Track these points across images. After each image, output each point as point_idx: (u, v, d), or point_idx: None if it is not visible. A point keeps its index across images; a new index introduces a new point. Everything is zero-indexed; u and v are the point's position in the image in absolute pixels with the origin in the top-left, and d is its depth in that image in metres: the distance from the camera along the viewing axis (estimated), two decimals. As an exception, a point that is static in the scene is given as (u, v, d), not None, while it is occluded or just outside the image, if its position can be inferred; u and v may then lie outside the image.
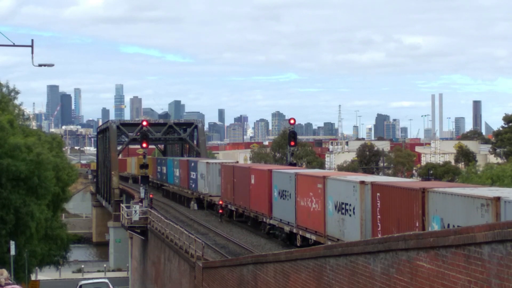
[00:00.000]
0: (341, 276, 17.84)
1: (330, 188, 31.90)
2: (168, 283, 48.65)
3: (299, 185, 36.40)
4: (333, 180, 31.91)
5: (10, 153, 47.73)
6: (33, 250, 52.64)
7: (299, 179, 36.54)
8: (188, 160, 71.80)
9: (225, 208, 54.21)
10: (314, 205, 33.77)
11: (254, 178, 45.77)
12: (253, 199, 46.01)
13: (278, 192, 40.09)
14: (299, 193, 36.32)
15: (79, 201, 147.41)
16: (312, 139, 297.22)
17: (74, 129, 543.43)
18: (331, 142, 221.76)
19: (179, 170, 73.61)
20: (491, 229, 10.83)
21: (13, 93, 61.91)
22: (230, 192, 52.37)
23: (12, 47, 35.22)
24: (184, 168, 71.04)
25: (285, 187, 38.82)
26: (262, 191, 43.45)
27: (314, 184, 33.86)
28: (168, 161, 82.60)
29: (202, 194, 62.41)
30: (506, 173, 72.80)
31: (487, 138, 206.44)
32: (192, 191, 66.51)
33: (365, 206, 27.89)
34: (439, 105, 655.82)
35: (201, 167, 62.72)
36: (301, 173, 37.02)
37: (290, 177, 37.82)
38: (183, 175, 71.17)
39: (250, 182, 46.35)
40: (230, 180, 52.46)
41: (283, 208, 39.25)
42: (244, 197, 48.08)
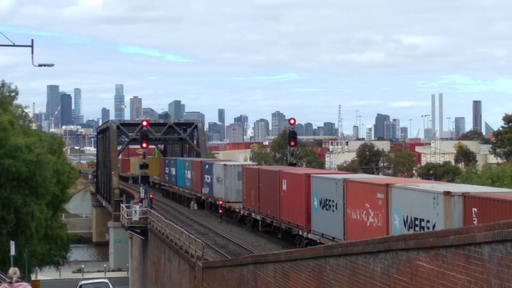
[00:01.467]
0: (341, 276, 17.84)
1: (397, 199, 25.82)
2: (168, 283, 48.65)
3: (349, 193, 30.45)
4: (402, 190, 25.60)
5: (11, 153, 47.76)
6: (33, 250, 52.67)
7: (349, 187, 30.52)
8: (202, 161, 66.07)
9: (248, 217, 48.67)
10: (372, 219, 27.85)
11: (286, 183, 39.67)
12: (284, 208, 39.87)
13: (319, 201, 34.02)
14: (349, 203, 30.35)
15: (79, 201, 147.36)
16: (312, 139, 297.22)
17: (74, 129, 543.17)
18: (331, 142, 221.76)
19: (191, 172, 68.20)
20: (491, 229, 10.84)
21: (14, 93, 61.92)
22: (255, 199, 46.36)
23: (12, 47, 35.20)
24: (197, 170, 65.62)
25: (329, 196, 32.75)
26: (297, 199, 37.48)
27: (371, 194, 27.83)
28: (178, 162, 76.77)
29: (219, 199, 56.68)
30: (506, 173, 72.77)
31: (487, 138, 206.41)
32: (207, 196, 61.57)
33: (451, 224, 21.98)
34: (439, 105, 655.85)
35: (218, 169, 57.38)
36: (351, 180, 30.97)
37: (336, 183, 31.80)
38: (196, 178, 65.71)
39: (281, 188, 40.25)
40: (254, 185, 46.65)
41: (326, 221, 33.18)
42: (273, 205, 41.99)
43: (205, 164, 63.02)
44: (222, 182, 55.67)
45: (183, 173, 72.58)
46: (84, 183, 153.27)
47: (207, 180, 60.93)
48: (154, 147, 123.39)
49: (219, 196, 56.53)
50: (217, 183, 57.51)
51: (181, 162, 75.09)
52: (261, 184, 44.95)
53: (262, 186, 44.65)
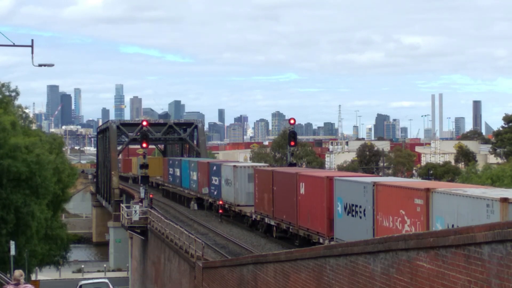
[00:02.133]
0: (341, 276, 17.84)
1: (440, 206, 22.85)
2: (168, 283, 48.65)
3: (380, 199, 27.56)
4: (446, 196, 22.48)
5: (11, 153, 47.79)
6: (33, 250, 52.70)
7: (380, 191, 27.63)
8: (209, 162, 62.93)
9: (260, 222, 45.53)
10: (408, 228, 25.11)
11: (304, 186, 36.71)
12: (302, 214, 36.94)
13: (344, 206, 30.99)
14: (380, 209, 27.55)
15: (79, 201, 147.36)
16: (312, 139, 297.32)
17: (74, 129, 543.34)
18: (331, 142, 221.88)
19: (197, 173, 65.02)
20: (491, 229, 10.84)
21: (14, 93, 61.95)
22: (268, 202, 43.12)
23: (12, 47, 35.20)
24: (203, 171, 62.55)
25: (355, 201, 29.85)
26: (317, 204, 34.74)
27: (408, 199, 25.02)
28: (183, 163, 73.72)
29: (229, 203, 53.60)
30: (506, 173, 72.80)
31: (487, 138, 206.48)
32: (214, 199, 58.52)
33: None
34: (439, 105, 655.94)
35: (227, 171, 54.30)
36: (383, 183, 27.99)
37: (364, 187, 28.94)
38: (202, 180, 62.75)
39: (299, 191, 37.26)
40: (267, 188, 43.42)
41: (352, 228, 30.27)
42: (289, 210, 38.92)
43: (213, 165, 60.01)
44: (231, 184, 52.43)
45: (188, 174, 69.81)
46: (84, 183, 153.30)
47: (215, 182, 57.95)
48: (154, 147, 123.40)
49: (228, 200, 53.56)
50: (225, 186, 54.39)
51: (186, 163, 72.14)
52: (276, 187, 41.71)
53: (277, 189, 41.49)
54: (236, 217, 52.43)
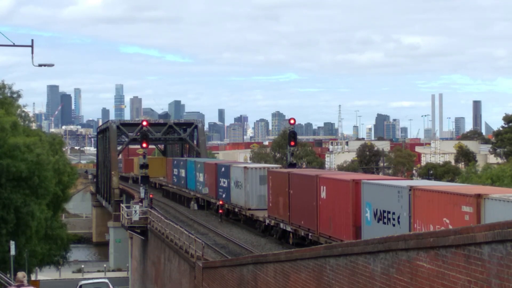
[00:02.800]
0: (341, 276, 17.84)
1: (494, 214, 19.82)
2: (168, 283, 48.66)
3: (418, 205, 24.76)
4: (503, 203, 19.88)
5: (10, 153, 47.79)
6: (33, 250, 52.71)
7: (418, 197, 24.80)
8: (216, 163, 60.00)
9: (275, 227, 42.54)
10: None
11: (325, 190, 33.88)
12: (323, 220, 34.16)
13: (373, 212, 28.44)
14: (418, 217, 24.82)
15: (79, 201, 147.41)
16: (312, 139, 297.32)
17: (74, 129, 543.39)
18: (331, 142, 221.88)
19: (204, 175, 62.30)
20: (491, 229, 10.84)
21: (16, 95, 61.99)
22: (284, 207, 40.16)
23: (12, 47, 35.20)
24: (211, 173, 59.86)
25: (387, 207, 27.23)
26: (340, 210, 32.02)
27: (453, 206, 22.36)
28: (189, 163, 70.66)
29: (239, 206, 50.85)
30: (506, 173, 72.81)
31: (487, 138, 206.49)
32: (223, 202, 55.62)
33: None
34: (439, 105, 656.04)
35: (237, 172, 51.46)
36: (421, 188, 25.01)
37: (399, 192, 26.19)
38: (210, 182, 60.13)
39: (319, 195, 34.47)
40: (282, 191, 40.46)
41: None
42: (308, 215, 36.17)
43: (221, 166, 57.15)
44: (241, 187, 49.59)
45: (194, 176, 66.97)
46: (84, 183, 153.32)
47: (223, 184, 55.26)
48: (154, 147, 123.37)
49: (238, 203, 50.77)
50: (235, 188, 51.47)
51: (192, 163, 69.16)
52: (292, 190, 38.77)
53: (294, 193, 38.57)
54: (247, 222, 49.47)
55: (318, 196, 34.66)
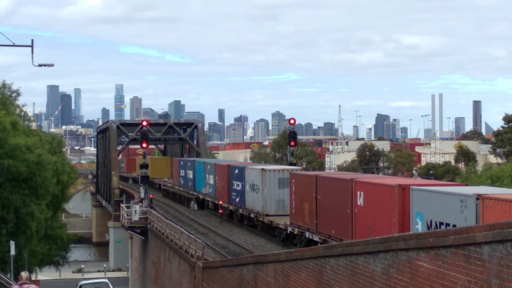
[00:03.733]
0: (341, 276, 17.84)
1: None
2: (168, 283, 48.67)
3: (489, 218, 20.38)
4: None
5: (11, 153, 47.79)
6: (33, 250, 52.72)
7: (489, 208, 20.77)
8: (229, 165, 55.40)
9: (299, 236, 38.05)
10: None
11: (363, 196, 29.89)
12: (360, 229, 30.24)
13: (426, 224, 24.60)
14: None
15: (79, 201, 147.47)
16: (312, 139, 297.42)
17: (74, 129, 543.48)
18: (331, 142, 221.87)
19: (215, 177, 58.21)
20: (491, 229, 10.84)
21: (15, 94, 62.03)
22: (310, 214, 36.04)
23: (12, 47, 35.20)
24: (222, 175, 55.87)
25: (445, 218, 23.27)
26: (383, 219, 28.10)
27: None
28: (197, 164, 66.44)
29: (255, 212, 46.43)
30: (505, 173, 72.83)
31: (487, 138, 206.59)
32: (236, 207, 51.49)
33: None
34: (439, 105, 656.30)
35: (252, 175, 47.15)
36: (493, 197, 20.96)
37: (462, 201, 22.21)
38: (221, 184, 56.07)
39: (355, 202, 30.55)
40: (308, 197, 36.34)
41: None
42: (341, 224, 32.31)
43: (234, 168, 52.79)
44: (258, 191, 45.33)
45: (203, 178, 62.90)
46: (84, 183, 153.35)
47: (237, 187, 51.10)
48: (154, 147, 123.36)
49: (254, 208, 46.48)
50: (251, 192, 47.22)
51: (201, 164, 64.86)
52: (321, 195, 34.86)
53: (323, 198, 34.67)
54: (265, 229, 44.96)
55: (353, 203, 30.65)
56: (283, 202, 43.54)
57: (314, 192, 35.54)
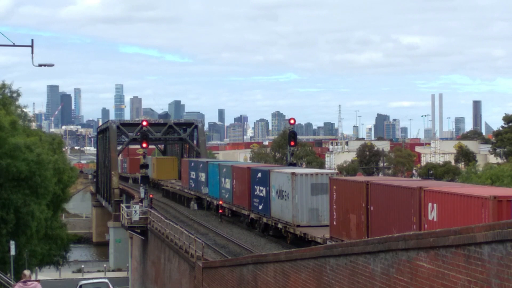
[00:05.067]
0: (341, 276, 17.84)
1: None
2: (168, 283, 48.66)
3: None
4: None
5: (10, 153, 47.80)
6: (33, 250, 52.73)
7: None
8: (249, 167, 49.26)
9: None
10: None
11: (437, 209, 23.78)
12: None
13: None
14: None
15: (79, 201, 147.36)
16: (312, 139, 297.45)
17: (74, 129, 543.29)
18: (331, 142, 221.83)
19: (232, 180, 52.61)
20: (491, 229, 10.84)
21: (15, 94, 62.04)
22: (358, 228, 30.68)
23: (12, 47, 35.20)
24: (241, 179, 50.13)
25: None
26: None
27: None
28: (211, 166, 60.44)
29: (283, 222, 40.56)
30: (505, 173, 72.84)
31: (487, 138, 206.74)
32: (259, 215, 45.73)
33: None
34: (439, 105, 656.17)
35: (280, 179, 41.32)
36: None
37: None
38: (241, 189, 50.30)
39: (425, 216, 24.49)
40: (356, 207, 30.71)
41: None
42: None
43: (257, 171, 47.07)
44: (287, 198, 39.62)
45: (218, 181, 57.02)
46: (84, 183, 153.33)
47: (260, 193, 45.37)
48: (154, 147, 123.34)
49: (282, 217, 40.61)
50: (278, 199, 41.47)
51: (215, 167, 58.78)
52: (373, 205, 29.40)
53: (376, 210, 29.18)
54: (297, 242, 38.82)
55: (422, 217, 24.81)
56: (316, 211, 38.47)
57: (363, 201, 29.97)
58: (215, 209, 58.49)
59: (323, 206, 37.90)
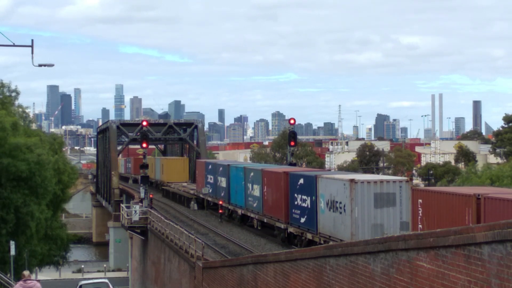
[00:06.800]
0: (341, 276, 17.84)
1: None
2: (168, 283, 48.67)
3: None
4: None
5: (10, 153, 47.83)
6: (33, 250, 52.75)
7: None
8: (287, 172, 40.85)
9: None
10: None
11: None
12: None
13: None
14: None
15: (79, 201, 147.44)
16: (312, 139, 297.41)
17: (74, 129, 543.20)
18: (331, 142, 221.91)
19: (262, 187, 44.98)
20: (491, 229, 10.84)
21: (14, 93, 62.08)
22: None
23: (12, 47, 35.20)
24: (276, 185, 42.17)
25: None
26: None
27: None
28: (233, 170, 53.17)
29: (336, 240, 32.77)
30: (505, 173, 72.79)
31: (487, 138, 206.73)
32: (301, 229, 38.25)
33: None
34: (439, 105, 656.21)
35: (332, 187, 33.94)
36: None
37: None
38: (274, 198, 42.56)
39: None
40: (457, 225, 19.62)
41: None
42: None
43: (298, 176, 38.97)
44: (343, 211, 32.58)
45: (243, 187, 49.67)
46: (84, 183, 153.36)
47: (302, 203, 37.75)
48: (154, 147, 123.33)
49: (335, 234, 33.70)
50: (328, 211, 34.25)
51: (239, 171, 51.42)
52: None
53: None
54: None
55: None
56: (381, 227, 31.95)
57: (470, 220, 23.12)
58: (239, 219, 51.60)
59: (389, 221, 31.93)
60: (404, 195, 31.28)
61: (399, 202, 31.61)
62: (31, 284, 20.89)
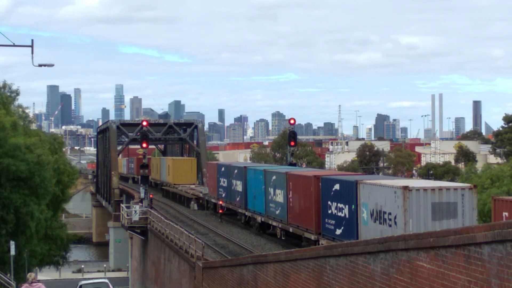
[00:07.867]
0: (341, 276, 17.84)
1: None
2: (168, 283, 48.66)
3: None
4: None
5: (10, 153, 47.81)
6: (33, 250, 52.74)
7: None
8: (318, 176, 35.66)
9: None
10: None
11: None
12: None
13: None
14: None
15: (79, 201, 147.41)
16: (312, 139, 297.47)
17: (74, 129, 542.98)
18: (331, 142, 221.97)
19: (287, 192, 39.90)
20: (491, 229, 10.84)
21: (14, 94, 62.08)
22: None
23: (12, 47, 35.18)
24: (304, 191, 37.30)
25: None
26: None
27: None
28: (251, 173, 48.32)
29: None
30: (505, 173, 72.78)
31: (487, 138, 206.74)
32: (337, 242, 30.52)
33: None
34: (439, 105, 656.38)
35: (378, 194, 28.85)
36: None
37: None
38: (302, 205, 37.55)
39: None
40: None
41: None
42: None
43: (332, 181, 33.95)
44: (394, 223, 27.41)
45: (263, 192, 44.73)
46: (84, 183, 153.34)
47: (338, 212, 32.76)
48: (154, 147, 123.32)
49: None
50: (373, 222, 29.21)
51: (258, 173, 46.44)
52: None
53: None
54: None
55: None
56: None
57: None
58: (257, 227, 47.01)
59: None
60: (467, 205, 27.13)
61: (461, 213, 27.12)
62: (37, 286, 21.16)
